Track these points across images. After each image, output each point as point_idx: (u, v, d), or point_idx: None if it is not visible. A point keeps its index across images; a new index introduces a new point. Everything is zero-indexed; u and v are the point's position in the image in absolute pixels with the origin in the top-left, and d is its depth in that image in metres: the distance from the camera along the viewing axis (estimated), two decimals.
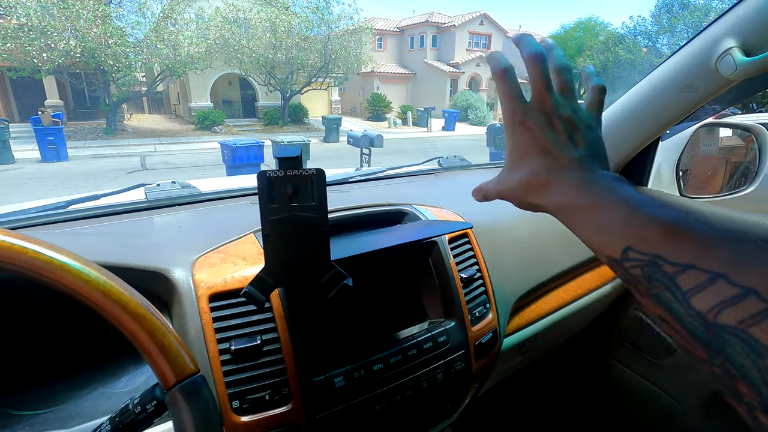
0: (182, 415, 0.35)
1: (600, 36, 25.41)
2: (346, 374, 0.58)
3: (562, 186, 0.37)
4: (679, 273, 0.27)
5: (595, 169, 0.37)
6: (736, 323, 0.23)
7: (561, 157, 0.38)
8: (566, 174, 0.37)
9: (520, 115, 0.40)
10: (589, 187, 0.35)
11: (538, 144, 0.39)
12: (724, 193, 1.40)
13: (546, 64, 0.40)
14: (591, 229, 0.34)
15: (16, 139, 10.80)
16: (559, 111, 0.40)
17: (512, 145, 0.41)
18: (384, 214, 0.79)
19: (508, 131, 0.41)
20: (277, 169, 0.45)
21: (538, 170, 0.38)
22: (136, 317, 0.35)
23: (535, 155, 0.39)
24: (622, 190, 0.34)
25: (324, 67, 16.67)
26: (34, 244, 0.33)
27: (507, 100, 0.41)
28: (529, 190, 0.39)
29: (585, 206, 0.35)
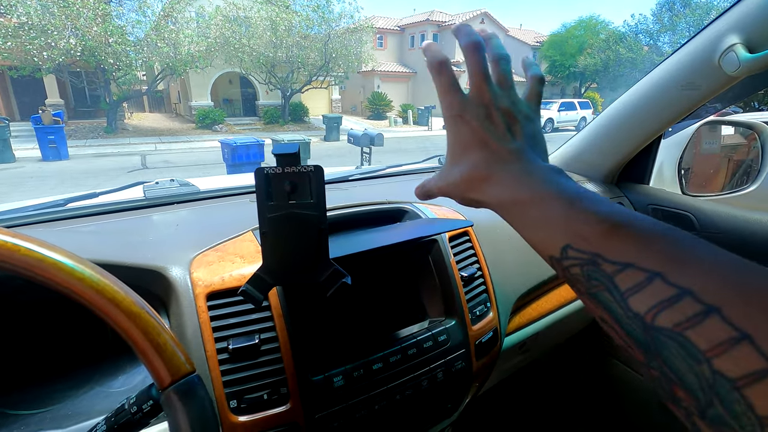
0: (177, 415, 0.34)
1: (601, 34, 25.36)
2: (346, 373, 0.57)
3: (501, 180, 0.35)
4: (618, 272, 0.26)
5: (535, 160, 0.36)
6: (672, 326, 0.22)
7: (499, 149, 0.37)
8: (505, 167, 0.36)
9: (458, 107, 0.39)
10: (528, 179, 0.34)
11: (476, 137, 0.38)
12: (727, 192, 1.39)
13: (483, 54, 0.39)
14: (531, 225, 0.33)
15: (17, 137, 10.81)
16: (497, 102, 0.38)
17: (452, 140, 0.40)
18: (384, 212, 0.78)
19: (447, 125, 0.40)
20: (275, 166, 0.44)
21: (478, 164, 0.37)
22: (131, 316, 0.35)
23: (474, 149, 0.38)
24: (562, 182, 0.33)
25: (324, 65, 16.65)
26: (26, 241, 0.33)
27: (444, 93, 0.39)
28: (470, 186, 0.38)
29: (524, 200, 0.33)
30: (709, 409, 0.21)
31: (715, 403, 0.20)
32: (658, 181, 1.29)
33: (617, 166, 1.20)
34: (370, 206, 0.78)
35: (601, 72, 24.76)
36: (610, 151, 1.18)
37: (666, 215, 1.13)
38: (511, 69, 0.42)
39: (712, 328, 0.21)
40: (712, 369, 0.20)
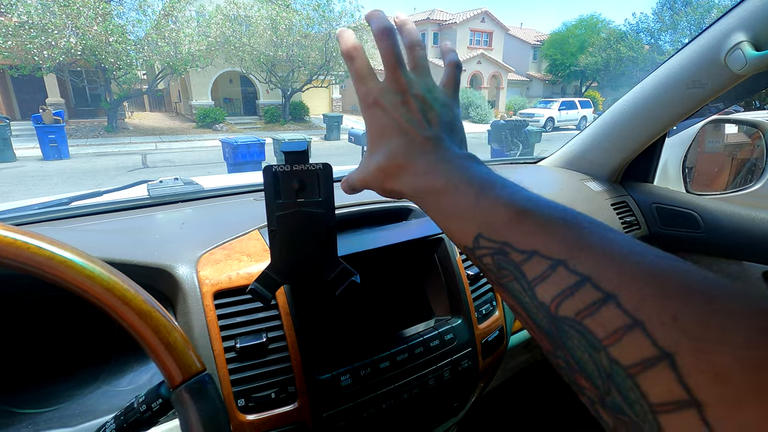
0: (189, 414, 0.34)
1: (602, 33, 25.33)
2: (353, 372, 0.57)
3: (418, 168, 0.35)
4: (525, 261, 0.25)
5: (451, 147, 0.36)
6: (574, 315, 0.22)
7: (417, 136, 0.36)
8: (422, 155, 0.35)
9: (374, 94, 0.38)
10: (442, 167, 0.34)
11: (393, 124, 0.37)
12: (731, 190, 1.39)
13: (396, 40, 0.39)
14: (445, 215, 0.32)
15: (18, 137, 10.81)
16: (413, 89, 0.38)
17: (370, 128, 0.39)
18: (389, 210, 0.78)
19: (364, 113, 0.39)
20: (284, 164, 0.44)
21: (396, 152, 0.36)
22: (141, 314, 0.34)
23: (391, 137, 0.37)
24: (474, 169, 0.33)
25: (325, 64, 16.64)
26: (36, 239, 0.33)
27: (359, 81, 0.39)
28: (388, 175, 0.37)
29: (438, 189, 0.33)
30: (607, 397, 0.21)
31: (612, 392, 0.20)
32: (662, 179, 1.28)
33: (621, 164, 1.20)
34: (376, 204, 0.77)
35: (602, 71, 24.74)
36: (615, 150, 1.18)
37: (670, 214, 1.13)
38: (426, 55, 0.41)
39: (608, 316, 0.21)
40: (609, 357, 0.20)
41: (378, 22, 0.38)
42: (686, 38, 20.42)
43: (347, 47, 0.39)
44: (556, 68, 27.55)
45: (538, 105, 20.74)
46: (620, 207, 1.14)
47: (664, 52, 21.92)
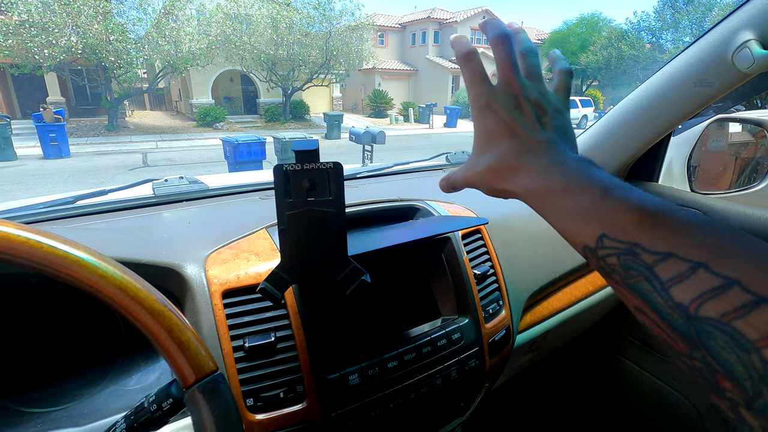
0: (203, 414, 0.34)
1: (603, 32, 25.28)
2: (361, 372, 0.57)
3: (531, 170, 0.35)
4: (658, 262, 0.26)
5: (565, 151, 0.36)
6: (719, 316, 0.22)
7: (529, 139, 0.36)
8: (535, 157, 0.36)
9: (487, 97, 0.39)
10: (559, 169, 0.34)
11: (505, 127, 0.37)
12: (735, 190, 1.39)
13: (512, 47, 0.39)
14: (563, 215, 0.33)
15: (18, 135, 10.80)
16: (526, 93, 0.38)
17: (479, 130, 0.40)
18: (396, 209, 0.78)
19: (475, 115, 0.40)
20: (294, 163, 0.44)
21: (506, 154, 0.37)
22: (154, 314, 0.34)
23: (502, 139, 0.37)
24: (594, 172, 0.33)
25: (325, 63, 16.62)
26: (50, 238, 0.32)
27: (473, 83, 0.39)
28: (497, 175, 0.38)
29: (556, 190, 0.33)
30: (757, 399, 0.21)
31: (764, 394, 0.20)
32: (667, 178, 1.28)
33: (626, 163, 1.19)
34: (383, 204, 0.77)
35: (603, 69, 24.70)
36: (620, 148, 1.18)
37: None
38: (540, 62, 0.42)
39: (762, 318, 0.21)
40: (763, 359, 0.20)
41: (495, 29, 0.40)
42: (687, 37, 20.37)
43: (462, 51, 0.40)
44: None
45: None
46: None
47: (665, 51, 21.87)
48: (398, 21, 26.71)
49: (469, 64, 0.40)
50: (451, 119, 18.19)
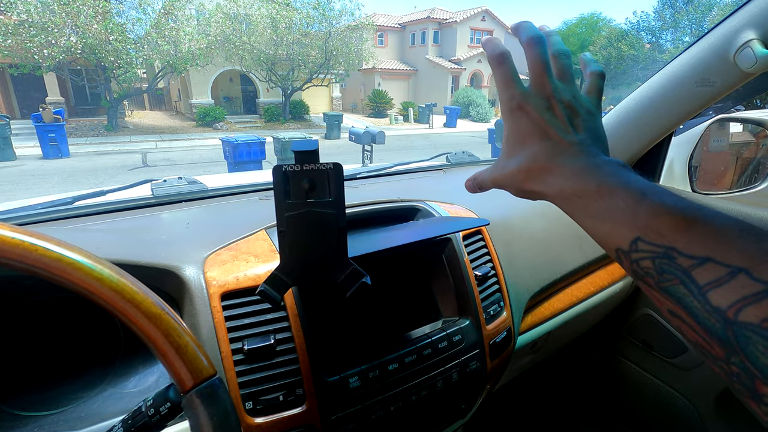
0: (200, 419, 0.33)
1: (603, 32, 25.29)
2: (361, 374, 0.57)
3: (564, 171, 0.35)
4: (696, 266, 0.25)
5: (598, 154, 0.36)
6: (759, 321, 0.22)
7: (561, 141, 0.36)
8: (568, 159, 0.35)
9: (519, 99, 0.38)
10: (593, 171, 0.34)
11: (537, 128, 0.37)
12: (736, 190, 1.38)
13: (545, 49, 0.39)
14: (596, 217, 0.32)
15: (18, 135, 10.79)
16: (559, 95, 0.38)
17: (511, 131, 0.39)
18: (397, 210, 0.77)
19: (506, 117, 0.40)
20: (294, 164, 0.43)
21: (538, 155, 0.37)
22: (151, 317, 0.34)
23: (534, 140, 0.37)
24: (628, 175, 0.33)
25: (325, 63, 16.62)
26: (44, 240, 0.32)
27: (505, 86, 0.39)
28: (528, 176, 0.38)
29: (589, 192, 0.33)
30: None
31: None
32: (668, 178, 1.27)
33: (629, 162, 1.19)
34: (383, 204, 0.77)
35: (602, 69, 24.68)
36: (621, 148, 1.17)
37: None
38: (572, 64, 0.41)
39: None
40: None
41: (528, 31, 0.40)
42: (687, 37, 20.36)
43: (495, 53, 0.40)
44: None
45: None
46: None
47: (665, 51, 21.87)
48: (398, 21, 26.70)
49: (502, 66, 0.40)
50: (450, 119, 18.19)
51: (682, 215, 0.28)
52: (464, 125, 19.12)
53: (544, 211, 0.99)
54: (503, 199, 1.04)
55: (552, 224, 0.95)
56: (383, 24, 25.26)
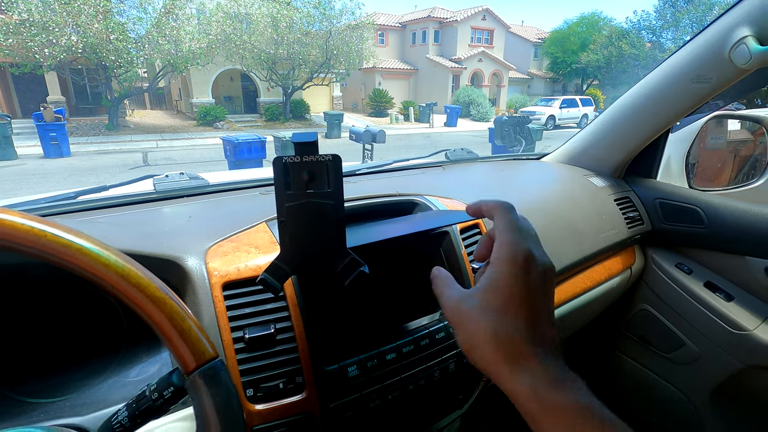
0: (203, 399, 0.35)
1: (604, 31, 25.27)
2: (360, 363, 0.58)
3: (536, 367, 0.32)
4: None
5: (559, 357, 0.34)
6: None
7: (545, 330, 0.34)
8: (545, 354, 0.33)
9: (525, 254, 0.35)
10: (562, 386, 0.32)
11: (531, 299, 0.34)
12: (733, 186, 1.39)
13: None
14: None
15: (19, 135, 10.81)
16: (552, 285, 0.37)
17: (501, 283, 0.35)
18: (395, 204, 0.78)
19: (502, 261, 0.36)
20: (293, 155, 0.44)
21: (521, 331, 0.34)
22: (155, 301, 0.35)
23: (523, 312, 0.34)
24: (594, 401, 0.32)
25: (325, 62, 16.63)
26: (53, 227, 0.33)
27: (512, 230, 0.37)
28: (499, 352, 0.34)
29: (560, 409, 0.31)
30: None
31: None
32: (665, 175, 1.29)
33: (625, 160, 1.20)
34: (382, 198, 0.78)
35: (604, 68, 24.70)
36: (618, 145, 1.18)
37: (673, 209, 1.13)
38: None
39: None
40: None
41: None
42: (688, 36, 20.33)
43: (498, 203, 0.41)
44: (558, 66, 27.50)
45: (539, 103, 20.71)
46: (623, 202, 1.14)
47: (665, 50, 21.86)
48: (398, 20, 26.70)
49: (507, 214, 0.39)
50: (451, 118, 18.21)
51: None
52: (465, 124, 19.12)
53: (543, 206, 1.00)
54: (501, 194, 1.05)
55: (550, 219, 0.96)
56: (384, 23, 25.26)
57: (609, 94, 26.27)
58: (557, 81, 29.48)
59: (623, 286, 1.16)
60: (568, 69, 27.11)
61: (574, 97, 20.92)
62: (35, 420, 0.48)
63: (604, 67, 24.60)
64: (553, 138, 11.84)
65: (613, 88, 25.23)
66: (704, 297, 1.07)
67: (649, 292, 1.20)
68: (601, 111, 1.21)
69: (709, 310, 1.06)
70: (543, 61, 29.35)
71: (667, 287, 1.15)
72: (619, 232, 1.08)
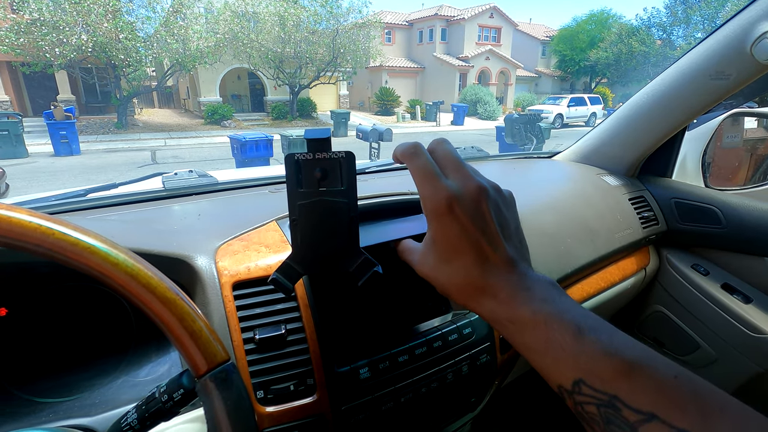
0: (215, 403, 0.34)
1: (613, 28, 25.01)
2: (372, 365, 0.56)
3: (498, 292, 0.33)
4: (641, 423, 0.25)
5: (527, 271, 0.34)
6: None
7: (493, 256, 0.34)
8: (500, 278, 0.33)
9: (447, 196, 0.34)
10: (525, 295, 0.32)
11: (468, 238, 0.34)
12: (750, 186, 1.36)
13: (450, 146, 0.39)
14: (533, 348, 0.30)
15: (30, 133, 10.95)
16: (489, 196, 0.35)
17: (440, 237, 0.36)
18: (406, 202, 0.77)
19: (431, 219, 0.36)
20: (306, 152, 0.43)
21: (471, 271, 0.34)
22: (166, 302, 0.34)
23: (466, 251, 0.34)
24: (561, 301, 0.31)
25: (332, 61, 16.63)
26: (61, 225, 0.32)
27: (425, 179, 0.36)
28: (460, 292, 0.35)
29: (523, 319, 0.31)
30: None
31: None
32: (680, 174, 1.26)
33: (639, 158, 1.18)
34: (393, 197, 0.76)
35: (613, 66, 24.45)
36: (633, 144, 1.16)
37: (690, 209, 1.10)
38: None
39: None
40: None
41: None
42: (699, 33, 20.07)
43: (405, 149, 0.39)
44: (566, 64, 27.28)
45: (547, 101, 20.54)
46: (638, 202, 1.12)
47: (676, 47, 21.58)
48: (405, 18, 26.62)
49: (416, 158, 0.37)
50: (458, 117, 18.13)
51: (623, 359, 0.27)
52: (472, 123, 19.03)
53: (555, 204, 0.98)
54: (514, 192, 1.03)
55: (563, 218, 0.94)
56: (391, 21, 25.21)
57: (618, 92, 26.02)
58: (565, 79, 29.23)
59: (637, 287, 1.14)
60: (576, 67, 26.87)
61: (583, 95, 20.72)
62: (44, 420, 0.48)
63: (613, 65, 24.34)
64: (561, 137, 11.73)
65: (623, 86, 24.98)
66: (721, 299, 1.05)
67: (663, 293, 1.18)
68: (610, 109, 1.19)
69: (726, 313, 1.04)
70: (551, 59, 29.13)
71: (682, 288, 1.12)
72: (633, 232, 1.06)
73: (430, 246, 0.37)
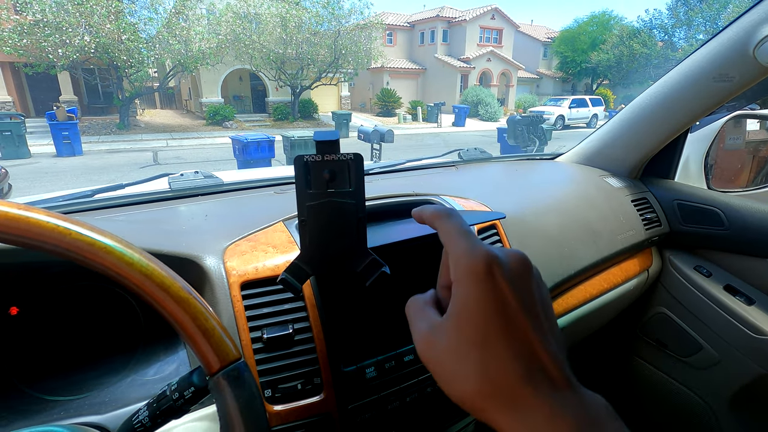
0: (227, 401, 0.34)
1: (614, 30, 24.99)
2: (378, 365, 0.57)
3: (542, 407, 0.23)
4: None
5: (580, 387, 0.25)
6: None
7: (541, 352, 0.25)
8: (546, 385, 0.24)
9: (485, 257, 0.26)
10: (587, 422, 0.23)
11: (509, 316, 0.25)
12: (753, 188, 1.36)
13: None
14: None
15: (32, 133, 10.99)
16: (534, 270, 0.28)
17: (471, 305, 0.26)
18: (411, 204, 0.77)
19: (464, 281, 0.27)
20: (315, 154, 0.44)
21: (507, 367, 0.24)
22: (179, 301, 0.35)
23: (505, 335, 0.25)
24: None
25: (334, 62, 16.65)
26: (77, 225, 0.33)
27: (463, 237, 0.29)
28: (487, 401, 0.25)
29: None
30: None
31: None
32: (683, 176, 1.26)
33: (642, 160, 1.18)
34: (398, 198, 0.77)
35: (614, 68, 24.43)
36: (636, 145, 1.16)
37: (692, 210, 1.11)
38: None
39: None
40: None
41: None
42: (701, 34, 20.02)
43: (438, 210, 0.33)
44: (567, 66, 27.27)
45: (548, 103, 20.52)
46: (640, 203, 1.13)
47: (678, 49, 21.56)
48: (407, 20, 26.64)
49: (451, 218, 0.31)
50: (459, 118, 18.13)
51: None
52: (473, 124, 19.03)
53: (558, 206, 0.98)
54: (517, 194, 1.04)
55: (566, 220, 0.95)
56: (392, 23, 25.23)
57: (620, 93, 25.99)
58: (567, 81, 29.22)
59: (640, 289, 1.14)
60: (578, 68, 26.86)
61: (584, 96, 20.68)
62: (55, 418, 0.48)
63: (614, 66, 24.32)
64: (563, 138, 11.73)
65: (624, 87, 24.94)
66: (724, 300, 1.05)
67: (666, 295, 1.18)
68: (612, 111, 1.20)
69: (728, 314, 1.04)
70: (552, 61, 29.12)
71: (685, 290, 1.13)
72: (636, 233, 1.06)
73: (454, 320, 0.27)
